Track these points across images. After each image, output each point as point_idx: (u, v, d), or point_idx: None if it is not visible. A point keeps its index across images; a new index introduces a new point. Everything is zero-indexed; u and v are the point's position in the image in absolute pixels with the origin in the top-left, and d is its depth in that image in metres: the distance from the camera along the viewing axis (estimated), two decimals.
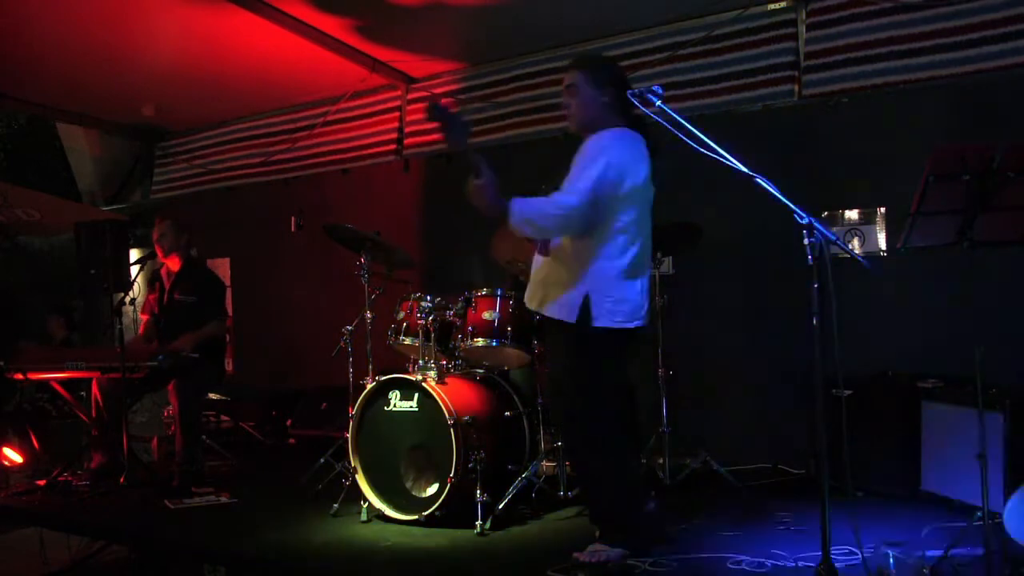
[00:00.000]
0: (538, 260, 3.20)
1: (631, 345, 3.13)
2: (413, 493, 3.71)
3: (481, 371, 4.19)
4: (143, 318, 5.14)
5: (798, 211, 2.60)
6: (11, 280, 8.83)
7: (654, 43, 5.22)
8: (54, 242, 8.71)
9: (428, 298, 4.07)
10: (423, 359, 3.94)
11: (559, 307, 3.02)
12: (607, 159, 2.95)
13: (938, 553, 2.74)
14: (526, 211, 2.92)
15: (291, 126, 6.80)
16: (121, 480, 4.46)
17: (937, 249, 2.85)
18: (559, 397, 3.22)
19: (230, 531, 3.77)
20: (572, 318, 2.98)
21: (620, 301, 2.98)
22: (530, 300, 3.20)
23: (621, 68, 3.32)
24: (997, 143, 2.59)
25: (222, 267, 7.11)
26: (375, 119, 6.41)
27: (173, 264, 5.00)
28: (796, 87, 4.79)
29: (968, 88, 4.31)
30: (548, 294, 3.09)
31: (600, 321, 2.97)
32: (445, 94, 6.07)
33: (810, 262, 2.54)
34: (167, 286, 5.01)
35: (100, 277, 4.64)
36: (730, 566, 2.93)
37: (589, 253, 3.00)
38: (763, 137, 4.81)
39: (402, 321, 4.22)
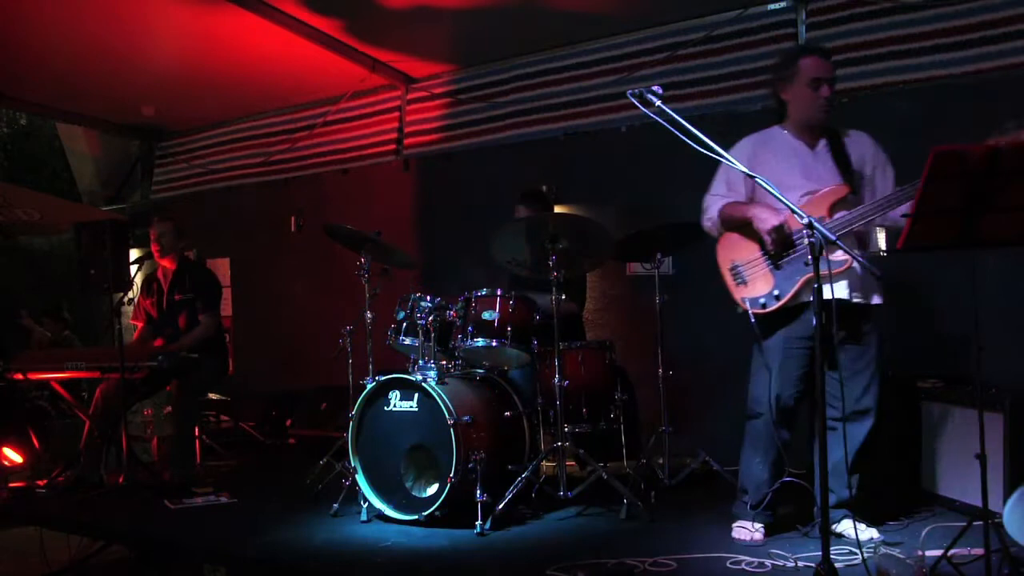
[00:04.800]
0: (840, 256, 3.02)
1: None
2: (413, 493, 3.71)
3: (481, 371, 4.19)
4: (136, 325, 5.13)
5: (798, 211, 2.60)
6: (11, 280, 8.83)
7: (654, 43, 5.23)
8: (54, 242, 8.71)
9: (428, 298, 4.07)
10: (423, 359, 3.93)
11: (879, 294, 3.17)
12: None
13: (938, 553, 2.73)
14: None
15: (291, 126, 6.81)
16: (121, 480, 4.46)
17: (937, 249, 2.84)
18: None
19: (230, 531, 3.76)
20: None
21: None
22: (862, 295, 3.18)
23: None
24: (997, 143, 2.58)
25: (222, 267, 7.11)
26: (375, 119, 6.42)
27: (169, 264, 5.01)
28: None
29: (968, 88, 4.31)
30: (871, 284, 3.17)
31: None
32: (445, 94, 6.07)
33: (810, 262, 2.54)
34: (165, 288, 5.01)
35: (100, 277, 4.64)
36: (730, 566, 2.93)
37: None
38: None
39: (402, 321, 4.22)
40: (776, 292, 3.17)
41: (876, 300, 3.19)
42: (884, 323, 3.25)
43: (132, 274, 4.78)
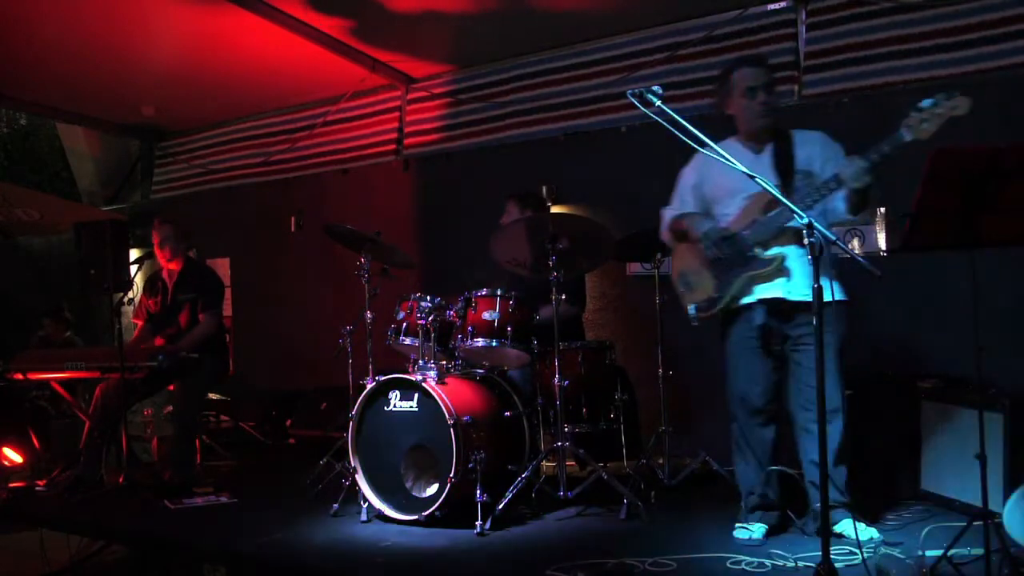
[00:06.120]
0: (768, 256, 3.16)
1: None
2: (413, 493, 3.70)
3: (481, 371, 4.19)
4: (137, 323, 5.12)
5: (797, 211, 2.60)
6: (11, 280, 8.82)
7: (654, 43, 5.23)
8: (54, 242, 8.70)
9: (428, 298, 4.07)
10: (423, 359, 3.94)
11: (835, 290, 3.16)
12: None
13: (938, 553, 2.73)
14: None
15: (291, 126, 6.81)
16: (121, 480, 4.46)
17: (937, 249, 2.85)
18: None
19: (230, 531, 3.76)
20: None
21: None
22: (804, 293, 3.15)
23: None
24: (997, 143, 2.59)
25: (222, 267, 7.11)
26: (375, 119, 6.42)
27: (176, 266, 5.00)
28: (796, 87, 4.79)
29: (968, 88, 4.30)
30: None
31: None
32: (445, 94, 6.07)
33: (809, 262, 2.54)
34: (170, 288, 5.01)
35: (100, 277, 4.64)
36: (730, 566, 2.93)
37: None
38: None
39: (402, 321, 4.22)
40: (716, 295, 3.24)
41: (831, 296, 3.15)
42: (848, 320, 3.19)
43: (132, 274, 4.78)
